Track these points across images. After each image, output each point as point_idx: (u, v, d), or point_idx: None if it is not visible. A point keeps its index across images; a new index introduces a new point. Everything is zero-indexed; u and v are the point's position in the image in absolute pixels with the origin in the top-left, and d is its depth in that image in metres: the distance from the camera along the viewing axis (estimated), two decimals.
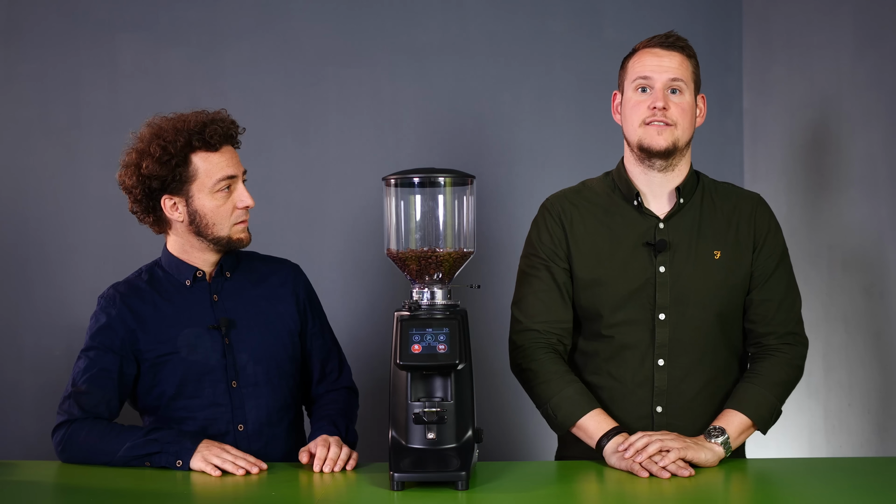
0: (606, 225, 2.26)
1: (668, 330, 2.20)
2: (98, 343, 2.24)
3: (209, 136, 2.21)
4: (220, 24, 3.37)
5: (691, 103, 2.22)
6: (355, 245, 3.41)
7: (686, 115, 2.20)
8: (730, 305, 2.22)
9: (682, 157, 2.24)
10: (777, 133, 3.28)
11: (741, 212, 2.25)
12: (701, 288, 2.19)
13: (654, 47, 2.21)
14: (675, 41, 2.22)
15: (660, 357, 2.20)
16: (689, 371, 2.20)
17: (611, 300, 2.22)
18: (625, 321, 2.21)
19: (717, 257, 2.21)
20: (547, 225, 2.29)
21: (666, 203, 2.24)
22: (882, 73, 2.72)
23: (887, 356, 2.70)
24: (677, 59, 2.20)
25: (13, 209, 3.31)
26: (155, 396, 2.26)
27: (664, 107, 2.17)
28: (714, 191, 2.28)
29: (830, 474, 2.08)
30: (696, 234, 2.22)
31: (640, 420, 2.21)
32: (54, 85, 3.32)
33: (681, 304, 2.19)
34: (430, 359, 1.96)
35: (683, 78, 2.20)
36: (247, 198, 2.26)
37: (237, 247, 2.29)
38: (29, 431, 3.26)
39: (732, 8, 3.50)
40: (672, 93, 2.19)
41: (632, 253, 2.22)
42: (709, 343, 2.21)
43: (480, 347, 3.29)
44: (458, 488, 1.91)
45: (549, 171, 3.45)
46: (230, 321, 2.28)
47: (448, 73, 3.43)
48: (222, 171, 2.23)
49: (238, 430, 2.25)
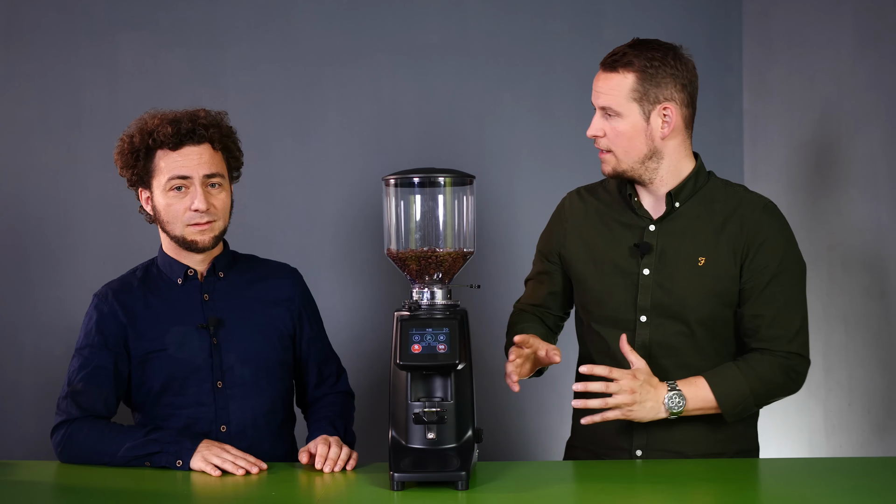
0: (605, 224, 2.27)
1: (649, 332, 2.19)
2: (92, 341, 2.25)
3: (169, 135, 2.21)
4: (220, 24, 3.37)
5: (632, 123, 2.15)
6: (355, 245, 3.41)
7: (622, 139, 2.16)
8: (713, 314, 2.17)
9: (654, 172, 2.19)
10: (777, 133, 3.28)
11: (736, 217, 2.18)
12: (681, 293, 2.17)
13: (599, 69, 2.20)
14: (617, 58, 2.16)
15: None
16: (668, 374, 2.17)
17: (598, 297, 2.24)
18: (610, 319, 2.22)
19: (701, 264, 2.17)
20: (553, 219, 2.39)
21: (662, 205, 2.24)
22: (882, 73, 2.72)
23: (887, 356, 2.70)
24: (613, 81, 2.15)
25: (13, 209, 3.31)
26: (143, 393, 2.27)
27: (595, 135, 2.19)
28: (720, 194, 2.22)
29: (830, 474, 2.08)
30: (685, 239, 2.19)
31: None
32: (54, 85, 3.32)
33: (660, 308, 2.18)
34: (430, 359, 1.96)
35: (611, 103, 2.15)
36: (198, 201, 2.22)
37: (193, 248, 2.26)
38: (29, 431, 3.27)
39: (732, 8, 3.50)
40: (607, 118, 2.17)
41: (621, 254, 2.23)
42: (690, 349, 2.18)
43: (480, 347, 3.28)
44: (458, 488, 1.91)
45: (549, 171, 3.45)
46: (219, 321, 2.27)
47: (448, 73, 3.43)
48: (174, 170, 2.22)
49: (220, 431, 2.25)
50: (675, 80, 2.15)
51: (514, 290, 3.47)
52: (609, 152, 2.19)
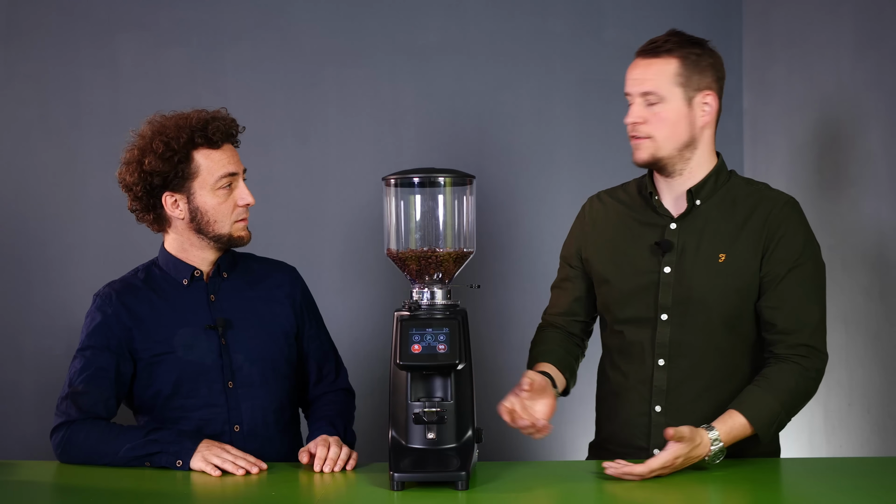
0: (625, 224, 2.28)
1: (670, 330, 2.19)
2: (94, 342, 2.24)
3: (211, 133, 2.22)
4: (220, 24, 3.37)
5: (676, 109, 2.16)
6: (355, 245, 3.41)
7: (666, 124, 2.16)
8: (735, 310, 2.18)
9: (685, 162, 2.21)
10: (777, 133, 3.28)
11: (757, 214, 2.20)
12: (703, 290, 2.18)
13: (637, 57, 2.20)
14: (660, 45, 2.17)
15: (660, 357, 2.20)
16: (689, 373, 2.19)
17: (619, 297, 2.24)
18: (631, 319, 2.23)
19: (722, 260, 2.18)
20: (575, 223, 2.39)
21: (683, 203, 2.24)
22: (882, 73, 2.72)
23: (887, 356, 2.70)
24: (654, 67, 2.16)
25: (13, 209, 3.31)
26: (151, 396, 2.26)
27: (634, 121, 2.18)
28: (742, 192, 2.23)
29: (830, 474, 2.07)
30: (705, 236, 2.20)
31: (639, 417, 2.22)
32: (54, 85, 3.32)
33: (682, 306, 2.19)
34: (430, 359, 1.96)
35: (656, 88, 2.15)
36: (247, 195, 2.27)
37: (237, 244, 2.29)
38: (29, 431, 3.26)
39: (732, 8, 3.50)
40: (649, 104, 2.17)
41: (641, 252, 2.23)
42: (711, 347, 2.19)
43: (480, 347, 3.29)
44: (458, 488, 1.91)
45: (549, 171, 3.45)
46: (227, 321, 2.27)
47: (448, 73, 3.43)
48: (224, 168, 2.24)
49: (234, 431, 2.25)
50: (713, 70, 2.20)
51: (513, 290, 3.48)
52: (648, 138, 2.17)
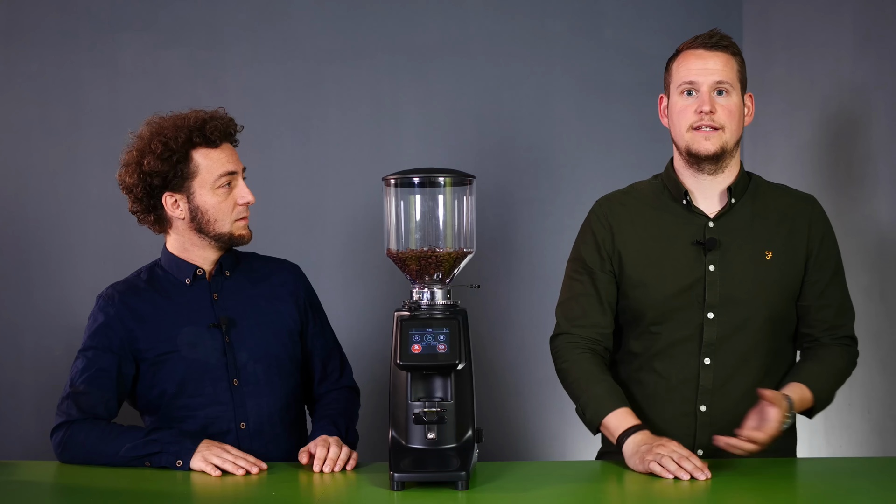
0: (655, 224, 2.24)
1: (716, 329, 2.18)
2: (96, 343, 2.24)
3: (210, 133, 2.22)
4: (220, 24, 3.37)
5: (738, 104, 2.18)
6: (355, 245, 3.41)
7: (734, 117, 2.17)
8: (780, 307, 2.20)
9: (731, 158, 2.21)
10: (777, 133, 3.28)
11: (797, 213, 2.22)
12: (751, 287, 2.17)
13: (697, 48, 2.18)
14: (718, 40, 2.18)
15: (706, 356, 2.18)
16: (735, 371, 2.18)
17: (660, 298, 2.20)
18: (673, 319, 2.20)
19: (769, 257, 2.18)
20: (593, 229, 2.28)
21: (716, 203, 2.23)
22: (882, 73, 2.72)
23: (887, 356, 2.70)
24: (722, 59, 2.17)
25: (13, 209, 3.31)
26: (156, 395, 2.26)
27: (711, 111, 2.15)
28: (767, 191, 2.26)
29: (830, 474, 2.08)
30: (747, 234, 2.20)
31: (683, 417, 2.20)
32: (54, 85, 3.32)
33: (730, 304, 2.17)
34: (430, 359, 1.96)
35: (728, 79, 2.16)
36: (247, 194, 2.27)
37: (238, 243, 2.30)
38: (29, 431, 3.27)
39: (732, 8, 3.50)
40: (718, 94, 2.16)
41: (681, 251, 2.21)
42: (757, 344, 2.19)
43: (480, 347, 3.29)
44: (458, 488, 1.91)
45: (548, 172, 3.45)
46: (230, 319, 2.28)
47: (448, 73, 3.43)
48: (223, 167, 2.24)
49: (240, 429, 2.25)
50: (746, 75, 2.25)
51: (514, 291, 3.48)
52: (721, 129, 2.17)
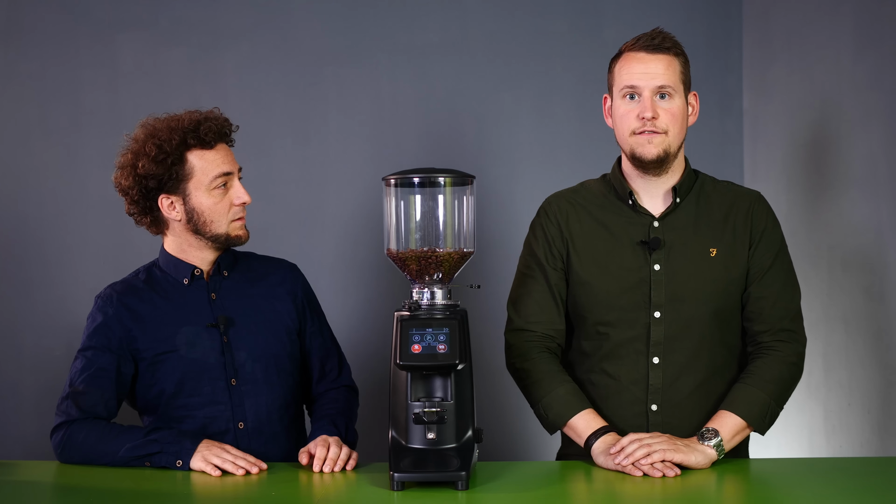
0: (602, 224, 2.26)
1: (663, 328, 2.20)
2: (95, 343, 2.24)
3: (204, 134, 2.22)
4: (220, 24, 3.37)
5: (681, 106, 2.19)
6: (355, 245, 3.41)
7: (676, 120, 2.18)
8: (726, 303, 2.21)
9: (675, 159, 2.22)
10: (777, 133, 3.28)
11: (738, 209, 2.24)
12: (697, 285, 2.19)
13: (639, 51, 2.18)
14: (661, 42, 2.17)
15: (654, 355, 2.20)
16: (683, 369, 2.20)
17: (606, 298, 2.22)
18: (620, 319, 2.22)
19: (714, 255, 2.20)
20: (543, 226, 2.30)
21: (661, 202, 2.25)
22: (882, 73, 2.72)
23: (887, 356, 2.70)
24: (664, 62, 2.17)
25: (13, 209, 3.31)
26: (154, 395, 2.26)
27: (653, 116, 2.16)
28: (712, 189, 2.28)
29: (830, 474, 2.08)
30: (691, 232, 2.22)
31: (635, 418, 2.21)
32: (54, 85, 3.32)
33: (676, 302, 2.19)
34: (430, 359, 1.96)
35: (671, 83, 2.16)
36: (243, 194, 2.27)
37: (235, 244, 2.29)
38: (29, 431, 3.27)
39: (732, 8, 3.50)
40: (661, 98, 2.17)
41: (627, 251, 2.23)
42: (704, 341, 2.21)
43: (480, 347, 3.28)
44: (458, 488, 1.91)
45: (549, 171, 3.45)
46: (229, 319, 2.28)
47: (448, 73, 3.43)
48: (218, 167, 2.24)
49: (238, 428, 2.25)
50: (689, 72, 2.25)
51: None
52: (664, 133, 2.18)
